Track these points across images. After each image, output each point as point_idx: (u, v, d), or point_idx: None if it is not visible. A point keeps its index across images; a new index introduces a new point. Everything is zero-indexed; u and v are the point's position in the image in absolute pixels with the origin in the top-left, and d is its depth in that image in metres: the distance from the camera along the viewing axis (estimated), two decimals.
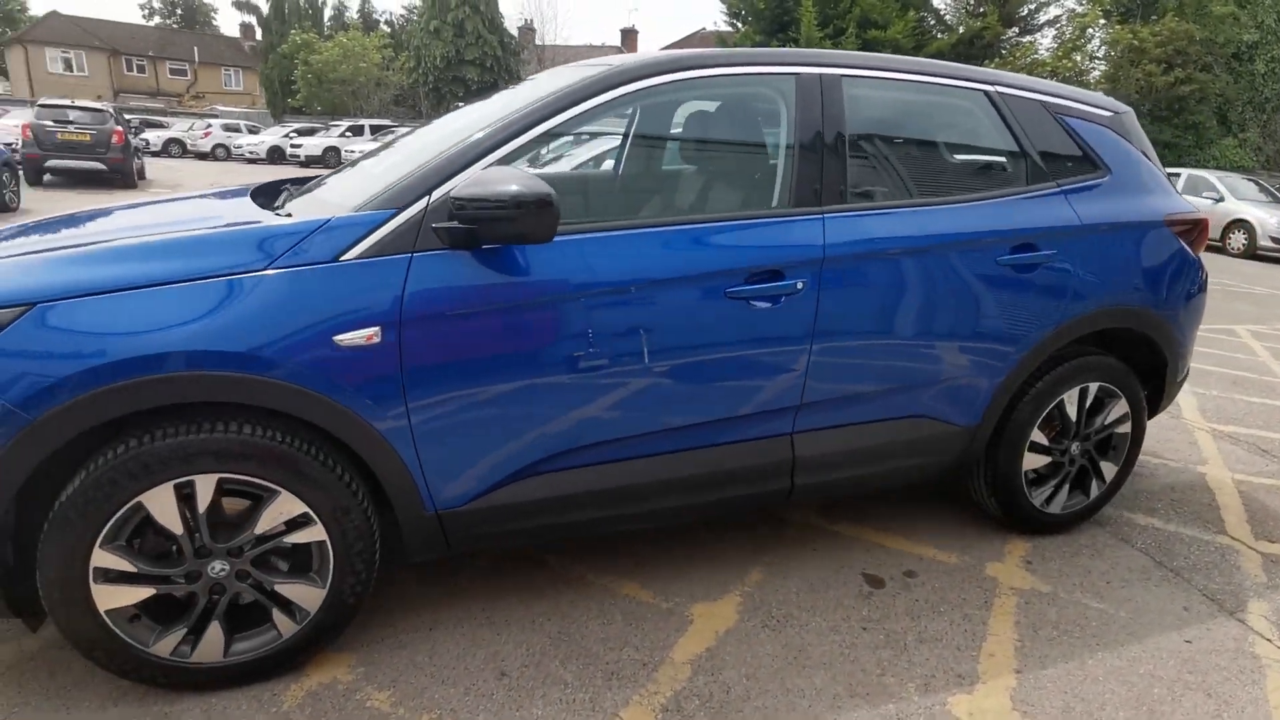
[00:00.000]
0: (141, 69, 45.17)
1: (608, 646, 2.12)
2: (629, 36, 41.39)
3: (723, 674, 2.03)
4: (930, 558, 2.65)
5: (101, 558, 1.70)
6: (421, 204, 1.83)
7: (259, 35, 43.56)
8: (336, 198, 2.05)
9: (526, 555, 2.54)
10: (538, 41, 41.43)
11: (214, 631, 1.83)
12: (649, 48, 39.28)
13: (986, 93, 2.48)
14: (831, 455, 2.36)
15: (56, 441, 1.60)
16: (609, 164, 3.34)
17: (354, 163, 2.62)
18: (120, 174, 13.93)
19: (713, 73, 2.17)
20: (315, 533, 1.85)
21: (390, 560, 2.07)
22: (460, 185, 1.77)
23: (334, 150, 23.79)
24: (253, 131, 27.31)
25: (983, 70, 2.56)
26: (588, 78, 2.04)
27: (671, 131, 2.63)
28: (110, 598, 1.73)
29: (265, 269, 1.71)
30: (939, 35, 20.00)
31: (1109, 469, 2.82)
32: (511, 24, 42.41)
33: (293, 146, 24.85)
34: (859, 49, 15.82)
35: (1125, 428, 2.78)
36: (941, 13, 21.06)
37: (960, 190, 2.47)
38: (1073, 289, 2.49)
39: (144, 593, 1.76)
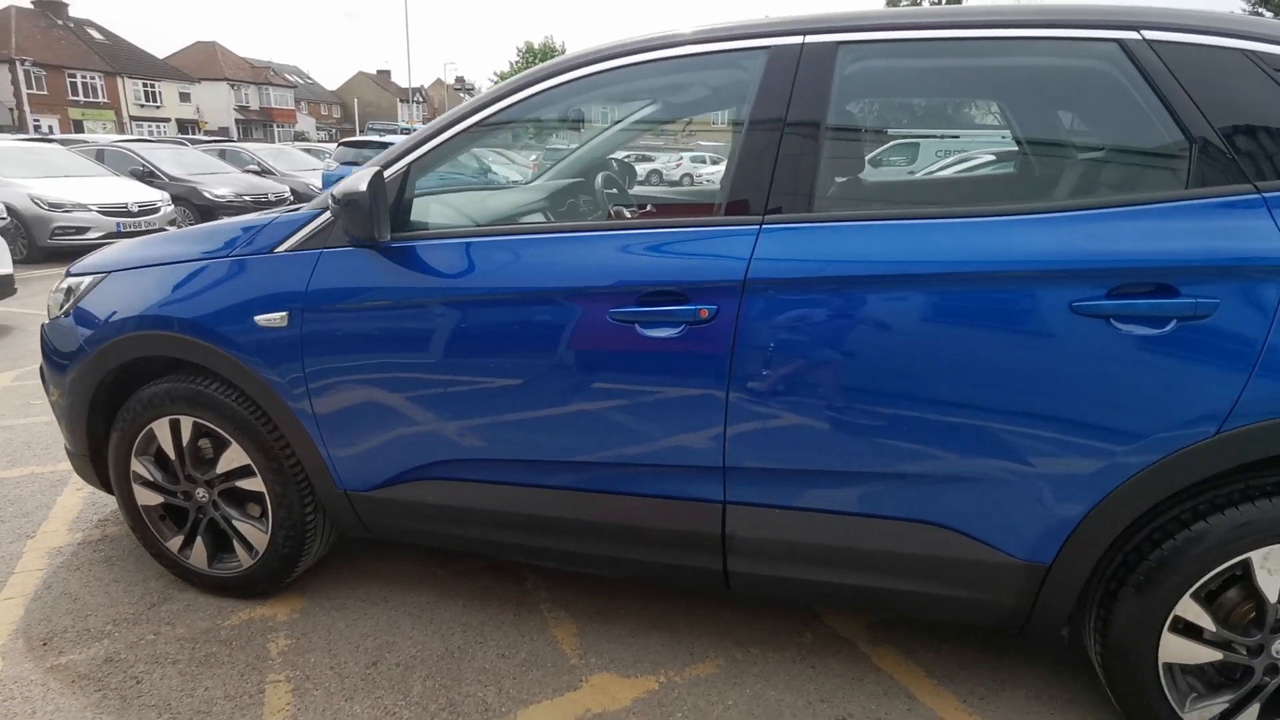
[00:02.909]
0: None
1: (478, 679, 1.99)
2: None
3: None
4: None
5: (135, 464, 2.27)
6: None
7: None
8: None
9: (511, 566, 2.49)
10: None
11: (200, 545, 2.28)
12: None
13: (1123, 44, 1.54)
14: (782, 545, 1.78)
15: (105, 370, 2.19)
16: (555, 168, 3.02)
17: None
18: None
19: (660, 55, 1.80)
20: (256, 483, 2.15)
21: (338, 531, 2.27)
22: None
23: None
24: (714, 163, 30.83)
25: (1131, 9, 1.58)
26: (507, 81, 1.92)
27: (616, 131, 2.26)
28: (142, 496, 2.30)
29: (225, 255, 2.07)
30: None
31: None
32: None
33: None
34: None
35: None
36: None
37: (1034, 196, 1.60)
38: (1272, 369, 1.41)
39: (158, 498, 2.29)
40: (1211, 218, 1.46)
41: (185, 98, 46.81)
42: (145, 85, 44.35)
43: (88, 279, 2.28)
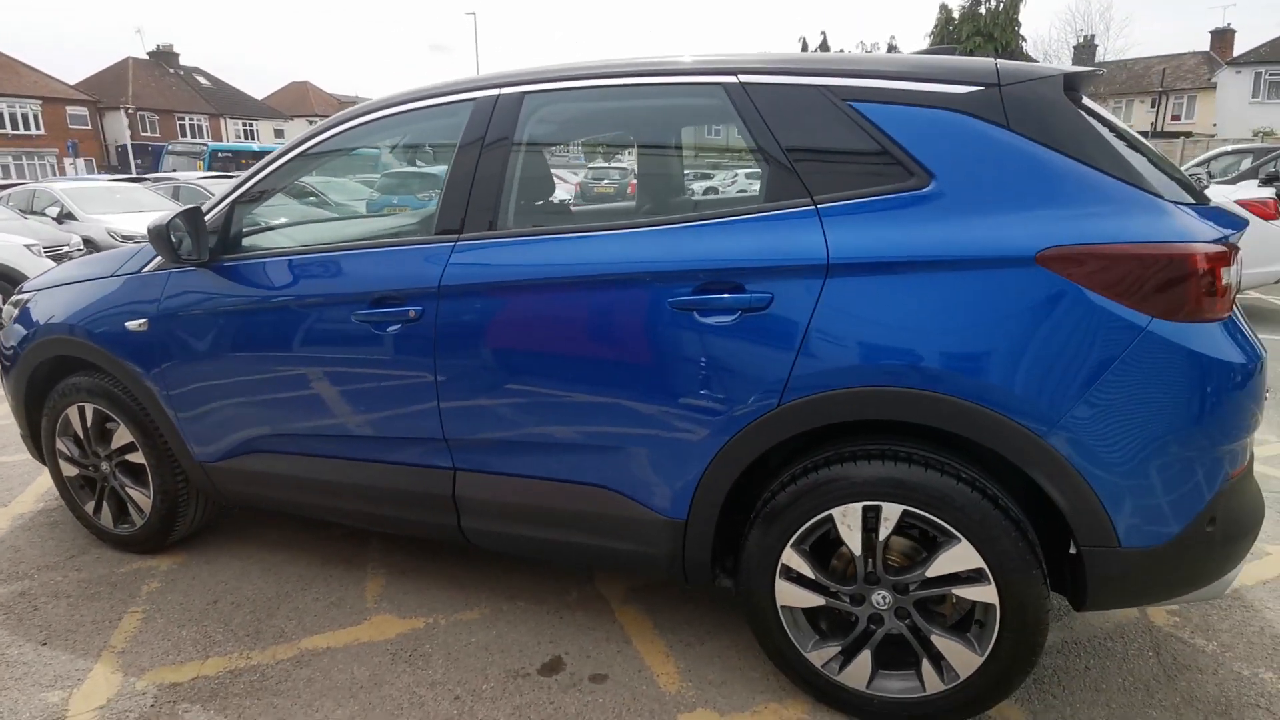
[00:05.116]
0: None
1: (288, 615, 2.44)
2: (1222, 38, 32.88)
3: (303, 670, 2.16)
4: (656, 674, 2.10)
5: (59, 443, 2.86)
6: None
7: None
8: None
9: (361, 532, 2.94)
10: (1100, 58, 36.60)
11: (106, 509, 2.84)
12: (1250, 46, 30.34)
13: (725, 87, 1.87)
14: (496, 505, 2.16)
15: (31, 367, 2.79)
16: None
17: None
18: None
19: (400, 110, 2.24)
20: (140, 457, 2.69)
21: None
22: None
23: None
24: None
25: (735, 59, 1.90)
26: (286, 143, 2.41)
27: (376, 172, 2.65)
28: (65, 469, 2.88)
29: (111, 275, 2.62)
30: None
31: (955, 651, 1.75)
32: (1065, 44, 38.56)
33: None
34: None
35: (977, 594, 1.70)
36: None
37: (655, 213, 1.94)
38: (812, 352, 1.71)
39: (75, 470, 2.86)
40: (774, 227, 1.77)
41: (279, 134, 50.46)
42: (244, 124, 48.12)
43: (27, 295, 2.89)
